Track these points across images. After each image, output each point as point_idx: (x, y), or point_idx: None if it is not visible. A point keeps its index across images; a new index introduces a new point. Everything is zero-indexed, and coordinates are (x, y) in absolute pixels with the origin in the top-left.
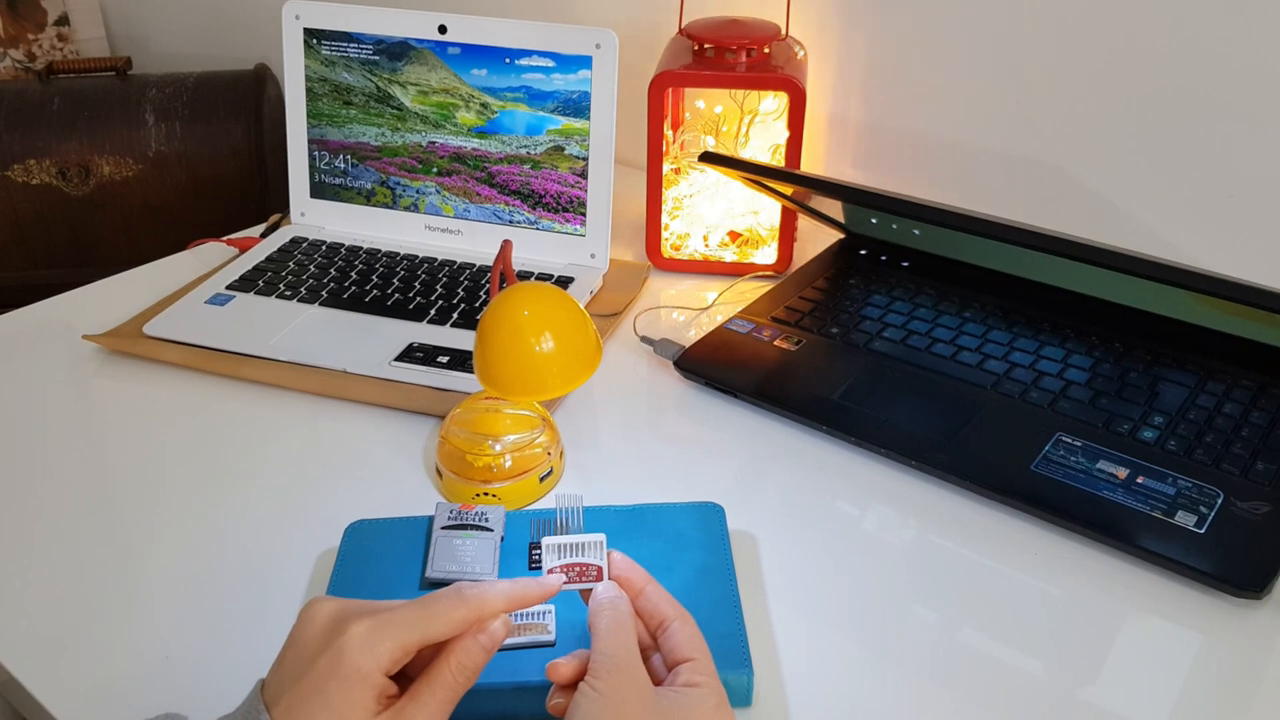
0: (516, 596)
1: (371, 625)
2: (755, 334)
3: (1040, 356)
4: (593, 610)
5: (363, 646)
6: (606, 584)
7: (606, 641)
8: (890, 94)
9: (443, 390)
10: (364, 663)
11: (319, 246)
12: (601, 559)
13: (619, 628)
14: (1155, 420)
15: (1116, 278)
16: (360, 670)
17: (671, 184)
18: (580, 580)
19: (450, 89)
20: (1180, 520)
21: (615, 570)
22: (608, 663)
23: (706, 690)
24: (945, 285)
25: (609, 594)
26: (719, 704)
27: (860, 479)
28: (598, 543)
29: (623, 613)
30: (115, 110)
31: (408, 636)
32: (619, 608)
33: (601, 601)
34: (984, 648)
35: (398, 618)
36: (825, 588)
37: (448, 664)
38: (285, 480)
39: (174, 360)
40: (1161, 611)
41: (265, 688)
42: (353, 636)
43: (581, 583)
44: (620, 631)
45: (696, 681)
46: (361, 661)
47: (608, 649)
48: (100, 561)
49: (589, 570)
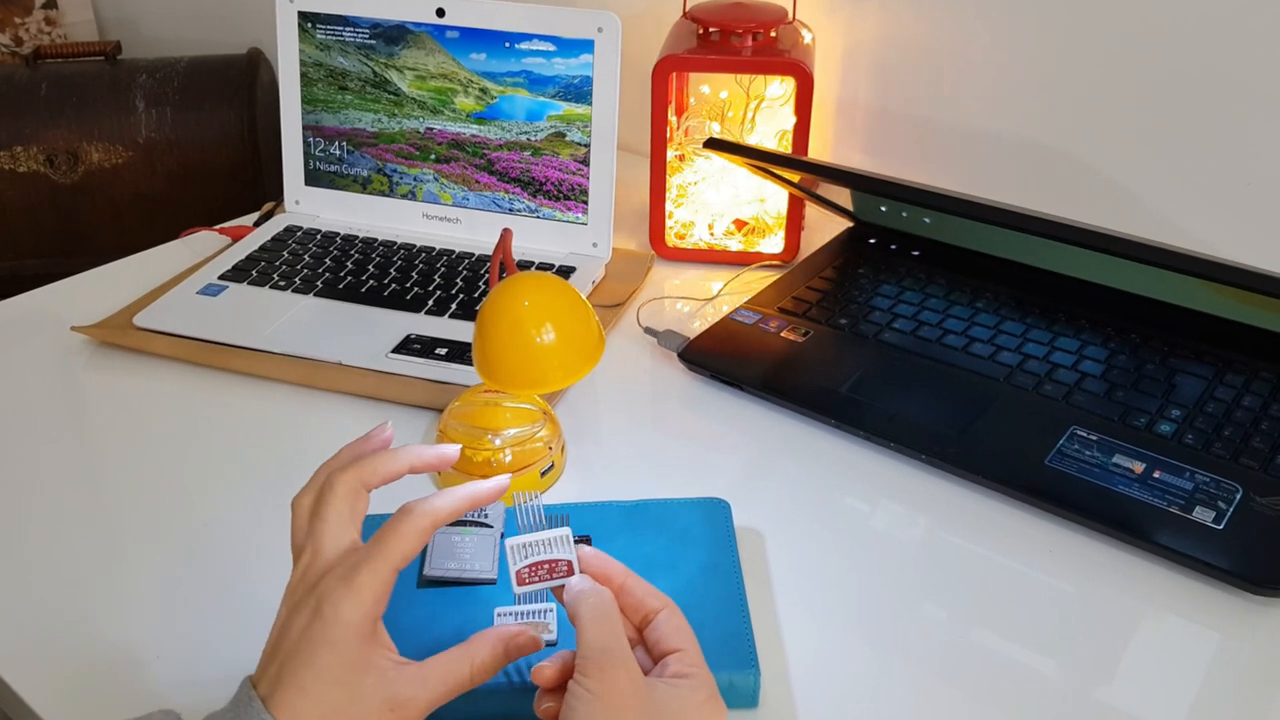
0: (467, 497)
1: (341, 573)
2: (761, 325)
3: (1054, 348)
4: (571, 602)
5: (342, 598)
6: (580, 576)
7: (594, 633)
8: (900, 79)
9: (441, 383)
10: (347, 613)
11: (314, 235)
12: (570, 554)
13: (605, 617)
14: (1172, 413)
15: (1132, 267)
16: (345, 621)
17: (676, 171)
18: (551, 577)
19: (448, 73)
20: (1198, 516)
21: (588, 565)
22: (598, 658)
23: (697, 681)
24: (957, 275)
25: (586, 584)
26: (710, 695)
27: (869, 474)
28: (563, 537)
29: (607, 600)
30: (104, 96)
31: (381, 568)
32: (602, 595)
33: (583, 591)
34: (996, 647)
35: (363, 557)
36: (833, 585)
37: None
38: (279, 475)
39: (165, 352)
40: (1179, 609)
41: (256, 679)
42: (327, 589)
43: (552, 579)
44: (607, 621)
45: (686, 672)
46: (344, 612)
47: (596, 641)
48: (89, 558)
49: (559, 566)
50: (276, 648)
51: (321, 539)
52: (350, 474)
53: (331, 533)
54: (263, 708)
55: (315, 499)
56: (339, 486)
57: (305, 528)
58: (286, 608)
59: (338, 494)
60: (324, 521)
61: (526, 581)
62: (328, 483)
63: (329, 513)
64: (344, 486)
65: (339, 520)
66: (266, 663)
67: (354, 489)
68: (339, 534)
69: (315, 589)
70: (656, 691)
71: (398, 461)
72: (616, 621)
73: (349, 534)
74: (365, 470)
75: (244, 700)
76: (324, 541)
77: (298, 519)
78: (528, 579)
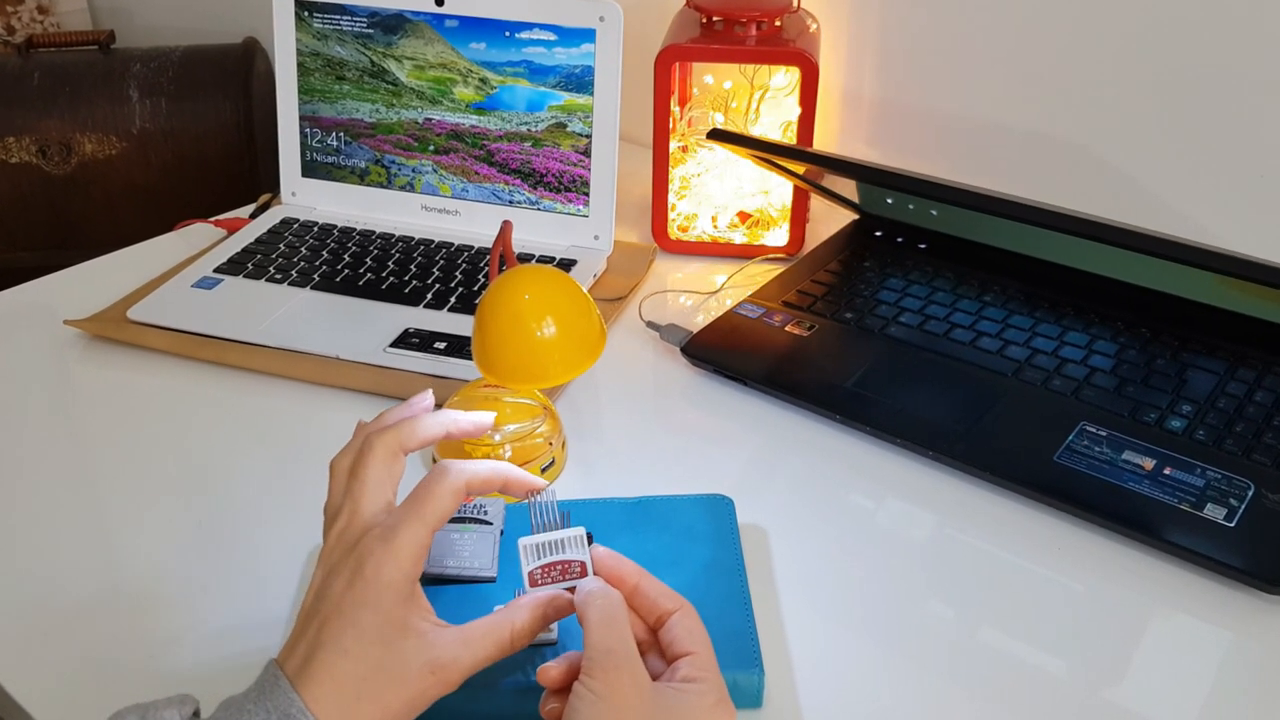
0: (503, 472)
1: (380, 534)
2: (766, 319)
3: (1063, 342)
4: (580, 603)
5: (383, 559)
6: (591, 578)
7: (600, 635)
8: (906, 68)
9: (439, 378)
10: (388, 573)
11: (311, 228)
12: (585, 555)
13: (612, 620)
14: (1183, 409)
15: (1143, 260)
16: (386, 582)
17: (679, 162)
18: (564, 578)
19: (448, 63)
20: (1209, 513)
21: (601, 566)
22: (603, 660)
23: (706, 686)
24: (964, 268)
25: (596, 584)
26: (719, 700)
27: (875, 470)
28: (579, 538)
29: (615, 603)
30: (98, 86)
31: (419, 529)
32: (611, 598)
33: (591, 593)
34: (1004, 646)
35: (400, 518)
36: (839, 584)
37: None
38: (275, 472)
39: (159, 346)
40: (1190, 608)
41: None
42: (367, 550)
43: (566, 581)
44: (614, 624)
45: (695, 676)
46: (385, 572)
47: (602, 644)
48: (82, 556)
49: (572, 567)
50: (313, 613)
51: (360, 499)
52: (389, 436)
53: (369, 494)
54: (290, 686)
55: (354, 460)
56: (378, 448)
57: (343, 488)
58: (322, 571)
59: (376, 455)
60: (361, 483)
61: (540, 582)
62: (366, 444)
63: (367, 474)
64: (382, 448)
65: (377, 481)
66: (300, 631)
67: (392, 451)
68: (376, 495)
69: (355, 549)
70: (663, 696)
71: (435, 425)
72: (624, 624)
73: (385, 495)
74: (404, 432)
75: (269, 681)
76: (362, 502)
77: (335, 480)
78: (541, 579)
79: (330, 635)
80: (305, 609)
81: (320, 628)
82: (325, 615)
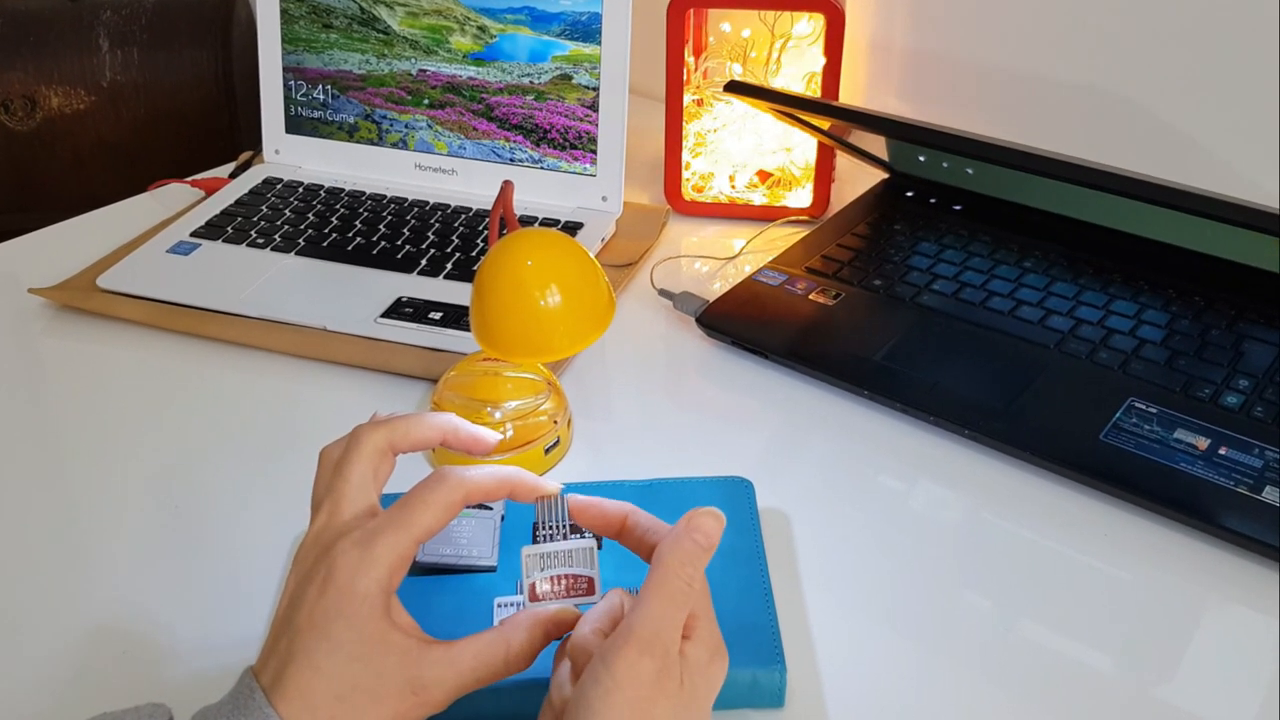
0: (508, 479)
1: (357, 538)
2: (788, 286)
3: (1110, 312)
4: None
5: (357, 567)
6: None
7: (654, 607)
8: (940, 15)
9: (435, 350)
10: (361, 583)
11: (295, 188)
12: (593, 570)
13: (684, 601)
14: (1240, 384)
15: (1196, 222)
16: (359, 593)
17: (693, 117)
18: (569, 595)
19: (443, 10)
20: (1268, 496)
21: (584, 517)
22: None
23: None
24: (1002, 231)
25: (695, 542)
26: (714, 654)
27: (906, 450)
28: (587, 550)
29: (698, 582)
30: (65, 35)
31: (400, 539)
32: (700, 573)
33: (687, 551)
34: (1045, 641)
35: (382, 525)
36: (866, 573)
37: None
38: (258, 452)
39: (132, 317)
40: (1246, 599)
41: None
42: (340, 555)
43: (570, 598)
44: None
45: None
46: (358, 583)
47: (654, 614)
48: (50, 541)
49: (579, 583)
50: (286, 623)
51: (341, 498)
52: (379, 433)
53: (351, 493)
54: (265, 700)
55: (341, 453)
56: (365, 444)
57: (328, 481)
58: (296, 576)
59: (363, 451)
60: (345, 480)
61: (542, 597)
62: (353, 439)
63: (351, 472)
64: (370, 445)
65: (361, 480)
66: (273, 642)
67: (380, 449)
68: (358, 496)
69: (328, 553)
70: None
71: (430, 428)
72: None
73: (369, 496)
74: (396, 432)
75: (244, 693)
76: (342, 503)
77: (322, 469)
78: (543, 594)
79: (302, 649)
80: (279, 615)
81: (293, 639)
82: (298, 626)
